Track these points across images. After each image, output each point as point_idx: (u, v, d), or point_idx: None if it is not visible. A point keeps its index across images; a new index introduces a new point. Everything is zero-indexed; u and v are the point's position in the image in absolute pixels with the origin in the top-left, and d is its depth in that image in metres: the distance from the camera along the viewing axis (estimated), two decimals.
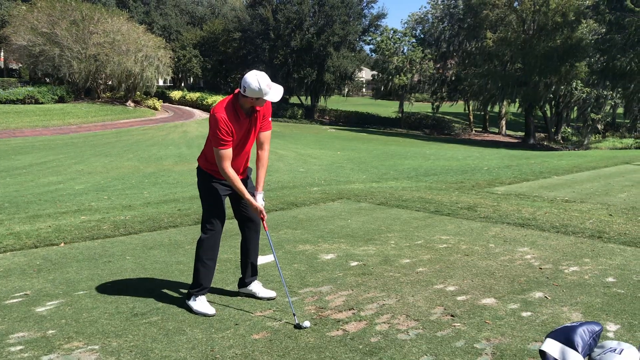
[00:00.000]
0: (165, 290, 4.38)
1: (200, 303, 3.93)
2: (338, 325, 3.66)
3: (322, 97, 60.66)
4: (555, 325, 3.59)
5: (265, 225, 4.03)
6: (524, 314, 3.86)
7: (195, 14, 76.09)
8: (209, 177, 3.97)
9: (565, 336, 2.65)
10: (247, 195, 3.90)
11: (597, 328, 2.71)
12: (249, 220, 4.11)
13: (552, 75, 43.21)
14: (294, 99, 62.75)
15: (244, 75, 3.70)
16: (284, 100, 58.98)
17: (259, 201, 3.98)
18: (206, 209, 4.01)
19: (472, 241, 6.01)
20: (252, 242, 4.20)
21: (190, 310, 3.92)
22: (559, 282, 4.56)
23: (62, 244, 5.90)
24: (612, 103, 46.90)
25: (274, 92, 3.72)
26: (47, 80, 51.79)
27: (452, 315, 3.83)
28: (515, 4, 45.41)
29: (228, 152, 3.77)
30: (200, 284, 3.97)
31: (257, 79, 3.65)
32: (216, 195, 3.97)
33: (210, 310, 3.88)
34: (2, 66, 72.66)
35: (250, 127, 3.89)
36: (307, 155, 23.62)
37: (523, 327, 3.63)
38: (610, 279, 4.67)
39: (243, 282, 4.25)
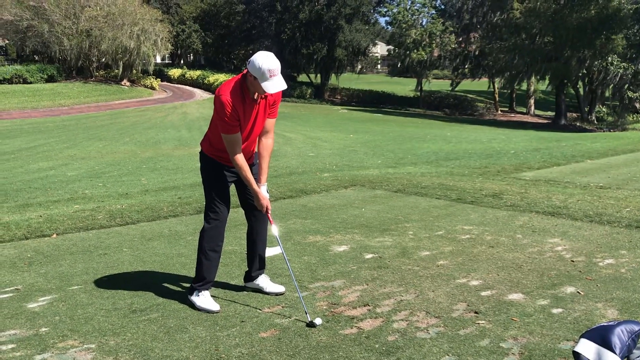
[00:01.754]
0: (165, 285, 4.41)
1: (204, 298, 3.95)
2: (352, 323, 3.67)
3: (333, 74, 60.35)
4: (588, 323, 3.58)
5: (271, 219, 4.04)
6: (555, 310, 3.85)
7: None
8: (213, 162, 3.97)
9: (601, 336, 2.64)
10: (255, 187, 3.89)
11: (636, 328, 2.70)
12: (256, 209, 4.10)
13: (585, 49, 42.66)
14: (302, 77, 62.55)
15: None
16: (291, 78, 58.83)
17: (264, 193, 3.97)
18: (210, 197, 4.00)
19: (498, 232, 5.99)
20: (259, 233, 4.20)
21: (193, 306, 3.95)
22: (593, 276, 4.54)
23: (55, 235, 5.95)
24: None
25: (272, 83, 3.63)
26: (36, 58, 51.96)
27: (476, 312, 3.83)
28: None
29: (237, 137, 3.75)
30: (203, 278, 3.99)
31: (263, 60, 3.59)
32: (221, 182, 3.97)
33: (214, 306, 3.90)
34: None
35: (257, 111, 3.85)
36: (317, 139, 23.60)
37: (553, 324, 3.62)
38: None
39: (250, 276, 4.27)
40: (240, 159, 3.78)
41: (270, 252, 5.15)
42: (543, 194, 8.16)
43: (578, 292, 4.20)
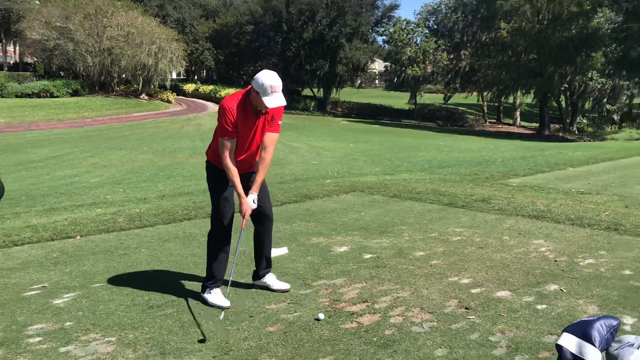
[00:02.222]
0: (180, 283, 4.41)
1: (215, 295, 3.95)
2: (352, 318, 3.67)
3: (334, 89, 60.40)
4: (571, 319, 3.57)
5: (243, 224, 4.01)
6: (539, 306, 3.84)
7: (208, 7, 76.08)
8: (217, 169, 3.98)
9: (582, 330, 2.63)
10: (239, 190, 3.88)
11: (614, 322, 2.69)
12: (261, 214, 4.10)
13: (567, 66, 42.73)
14: (306, 91, 62.63)
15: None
16: (296, 92, 58.94)
17: (250, 202, 3.92)
18: (215, 201, 4.04)
19: (487, 233, 5.98)
20: (265, 235, 4.21)
21: (205, 302, 3.94)
22: (575, 275, 4.53)
23: (78, 237, 5.96)
24: (629, 93, 46.29)
25: (273, 99, 3.67)
26: (62, 73, 52.15)
27: (466, 308, 3.82)
28: None
29: (230, 143, 3.78)
30: (213, 277, 4.00)
31: (266, 77, 3.65)
32: (224, 187, 3.99)
33: (225, 302, 3.90)
34: (18, 60, 73.28)
35: (256, 125, 3.86)
36: (319, 148, 23.61)
37: (538, 319, 3.61)
38: (627, 272, 4.63)
39: (257, 275, 4.27)
40: (228, 161, 3.79)
41: (275, 252, 5.14)
42: (528, 199, 8.15)
43: (561, 289, 4.19)
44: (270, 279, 4.24)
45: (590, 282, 4.37)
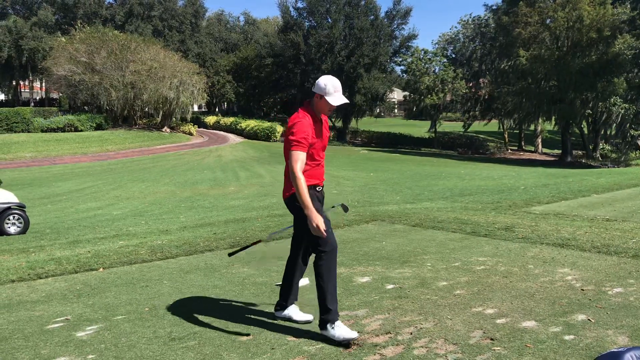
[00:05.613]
0: (202, 314, 4.40)
1: (340, 328, 3.72)
2: (375, 350, 3.61)
3: (353, 118, 60.80)
4: (600, 350, 3.47)
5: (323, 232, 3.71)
6: (567, 337, 3.75)
7: (229, 41, 77.64)
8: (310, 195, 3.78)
9: None
10: (311, 207, 3.64)
11: None
12: (303, 240, 4.03)
13: (588, 92, 42.46)
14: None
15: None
16: None
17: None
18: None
19: (511, 262, 5.89)
20: (300, 264, 4.16)
21: (332, 339, 3.70)
22: (603, 304, 4.43)
23: (101, 269, 6.01)
24: None
25: (337, 97, 3.77)
26: (86, 108, 53.34)
27: (491, 339, 3.75)
28: (548, 21, 44.93)
29: (302, 155, 3.70)
30: (329, 309, 3.77)
31: (327, 79, 3.78)
32: (317, 206, 3.80)
33: (353, 333, 3.68)
34: (43, 96, 75.24)
35: (321, 131, 3.91)
36: (340, 177, 23.63)
37: (566, 351, 3.52)
38: None
39: (282, 306, 4.23)
40: (300, 175, 3.64)
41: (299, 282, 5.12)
42: (552, 226, 8.03)
43: (589, 319, 4.09)
44: (293, 311, 4.21)
45: (619, 311, 4.26)
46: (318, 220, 3.62)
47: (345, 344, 3.66)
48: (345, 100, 3.81)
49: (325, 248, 3.77)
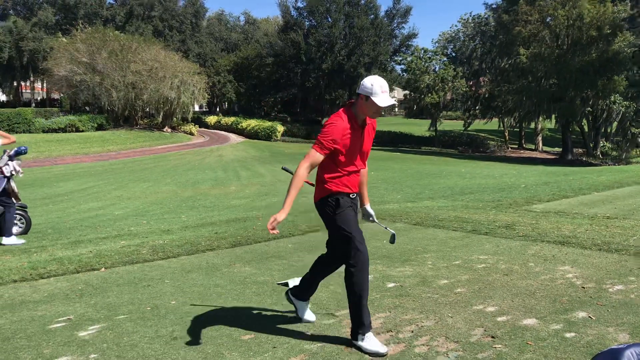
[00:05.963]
0: (203, 313, 4.41)
1: (371, 340, 3.60)
2: None
3: None
4: (601, 347, 3.48)
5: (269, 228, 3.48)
6: (568, 334, 3.75)
7: (229, 41, 77.66)
8: (342, 196, 3.69)
9: (611, 358, 2.56)
10: (287, 207, 3.46)
11: None
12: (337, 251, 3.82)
13: (588, 90, 42.44)
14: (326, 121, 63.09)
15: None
16: (315, 122, 59.32)
17: (369, 210, 4.10)
18: (348, 234, 3.64)
19: (511, 260, 5.89)
20: (331, 266, 3.97)
21: (360, 350, 3.59)
22: (604, 302, 4.43)
23: (103, 269, 6.01)
24: None
25: (384, 98, 3.53)
26: (87, 109, 53.39)
27: (492, 337, 3.75)
28: (548, 19, 44.90)
29: (318, 157, 3.53)
30: (363, 323, 3.64)
31: (374, 79, 3.55)
32: (350, 215, 3.69)
33: (383, 347, 3.54)
34: (45, 97, 75.30)
35: (362, 138, 3.71)
36: None
37: (567, 348, 3.52)
38: None
39: (298, 295, 4.10)
40: (304, 172, 3.51)
41: (298, 281, 5.13)
42: (553, 224, 8.03)
43: (589, 317, 4.09)
44: (303, 307, 4.14)
45: (620, 309, 4.26)
46: (275, 218, 3.42)
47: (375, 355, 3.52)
48: (393, 102, 3.64)
49: (355, 263, 3.62)
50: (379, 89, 3.50)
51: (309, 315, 4.16)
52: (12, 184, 8.63)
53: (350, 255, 3.61)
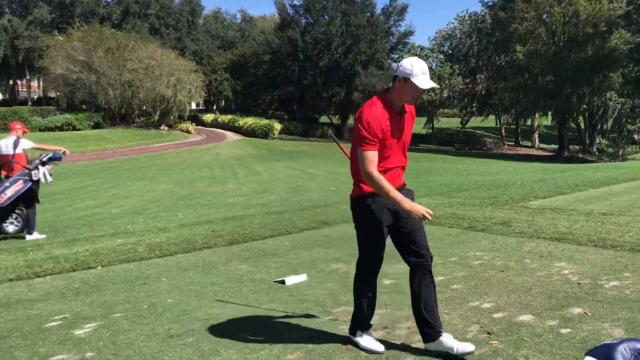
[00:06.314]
0: (200, 311, 4.41)
1: (368, 338, 3.60)
2: None
3: (351, 115, 60.74)
4: (596, 342, 3.48)
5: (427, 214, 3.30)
6: (563, 330, 3.76)
7: (226, 38, 77.52)
8: (371, 200, 3.40)
9: (605, 354, 2.57)
10: (399, 197, 3.22)
11: (638, 345, 2.62)
12: (416, 254, 3.59)
13: (584, 87, 42.52)
14: (323, 118, 63.06)
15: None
16: (313, 119, 59.33)
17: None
18: (369, 243, 3.54)
19: (507, 257, 5.90)
20: (423, 286, 3.55)
21: (356, 345, 3.59)
22: (599, 298, 4.44)
23: (100, 267, 6.00)
24: None
25: (425, 79, 3.20)
26: (84, 107, 53.24)
27: (488, 333, 3.76)
28: (545, 16, 44.94)
29: (374, 155, 3.24)
30: (365, 323, 3.65)
31: (413, 60, 3.24)
32: (378, 228, 3.46)
33: (380, 347, 3.52)
34: (41, 95, 75.11)
35: (402, 127, 3.38)
36: (338, 174, 23.61)
37: (562, 344, 3.53)
38: None
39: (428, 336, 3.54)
40: (376, 174, 3.22)
41: (295, 279, 5.13)
42: (549, 221, 8.04)
43: (585, 312, 4.10)
44: (449, 340, 3.50)
45: (615, 305, 4.27)
46: (409, 205, 3.22)
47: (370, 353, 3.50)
48: (434, 85, 3.29)
49: (360, 271, 3.63)
50: (419, 70, 3.20)
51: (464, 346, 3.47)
52: (40, 184, 8.83)
53: (360, 262, 3.65)
